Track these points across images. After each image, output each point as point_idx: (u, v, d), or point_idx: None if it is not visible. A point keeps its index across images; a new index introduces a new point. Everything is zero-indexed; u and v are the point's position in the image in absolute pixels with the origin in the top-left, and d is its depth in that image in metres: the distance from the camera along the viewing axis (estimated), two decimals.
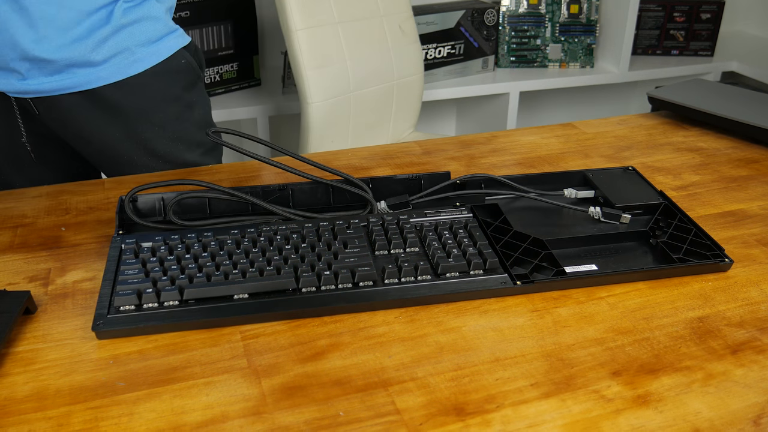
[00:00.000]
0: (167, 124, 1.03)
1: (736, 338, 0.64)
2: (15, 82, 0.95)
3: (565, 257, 0.75)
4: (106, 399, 0.57)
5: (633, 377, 0.59)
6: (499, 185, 0.87)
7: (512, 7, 2.12)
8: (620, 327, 0.66)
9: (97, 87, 0.97)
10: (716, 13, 2.22)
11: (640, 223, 0.82)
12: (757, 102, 1.13)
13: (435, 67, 2.05)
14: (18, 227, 0.82)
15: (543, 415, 0.55)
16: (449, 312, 0.67)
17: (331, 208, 0.83)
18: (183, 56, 1.03)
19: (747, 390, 0.58)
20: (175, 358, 0.61)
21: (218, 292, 0.66)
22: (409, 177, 0.85)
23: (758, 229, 0.82)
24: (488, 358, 0.61)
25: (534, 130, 1.11)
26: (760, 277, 0.73)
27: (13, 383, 0.58)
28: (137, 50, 0.98)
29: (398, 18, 1.75)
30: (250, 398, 0.57)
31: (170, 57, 1.01)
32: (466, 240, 0.73)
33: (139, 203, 0.80)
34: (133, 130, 1.01)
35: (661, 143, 1.07)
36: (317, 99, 1.60)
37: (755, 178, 0.95)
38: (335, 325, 0.65)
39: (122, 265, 0.69)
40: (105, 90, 0.98)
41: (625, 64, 2.15)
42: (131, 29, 0.97)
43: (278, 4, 1.55)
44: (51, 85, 0.96)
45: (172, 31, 1.03)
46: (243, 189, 0.81)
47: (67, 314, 0.67)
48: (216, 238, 0.72)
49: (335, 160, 1.00)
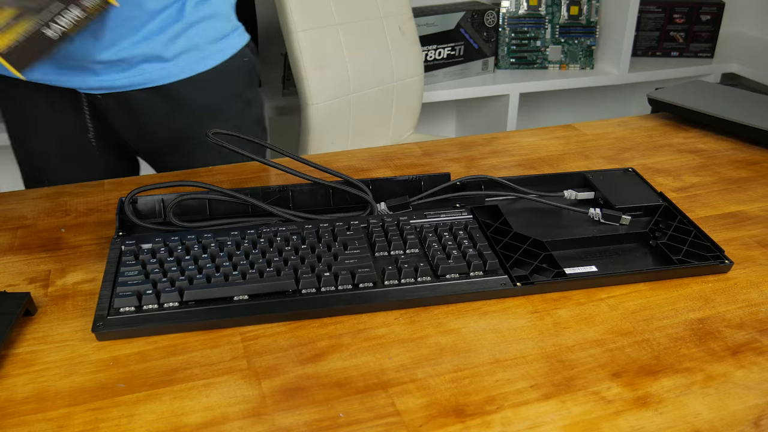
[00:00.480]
0: (229, 121, 1.05)
1: (736, 340, 0.64)
2: (88, 78, 0.97)
3: (565, 258, 0.75)
4: (106, 400, 0.57)
5: (633, 379, 0.59)
6: (499, 186, 0.87)
7: (512, 8, 2.12)
8: (620, 328, 0.66)
9: (168, 83, 0.99)
10: (716, 15, 2.22)
11: (640, 224, 0.82)
12: (757, 103, 1.13)
13: (435, 69, 2.05)
14: (18, 229, 0.82)
15: (543, 417, 0.55)
16: (449, 313, 0.67)
17: (331, 209, 0.83)
18: (245, 54, 1.06)
19: (747, 392, 0.58)
20: (175, 359, 0.61)
21: (218, 294, 0.66)
22: (409, 178, 0.85)
23: (758, 230, 0.82)
24: (488, 359, 0.61)
25: (534, 132, 1.11)
26: (760, 279, 0.73)
27: (13, 385, 0.58)
28: (206, 47, 1.00)
29: (398, 19, 1.75)
30: (250, 400, 0.57)
31: (235, 54, 1.04)
32: (466, 241, 0.73)
33: (139, 205, 0.80)
34: (198, 126, 1.03)
35: (661, 145, 1.07)
36: (317, 100, 1.60)
37: (755, 180, 0.95)
38: (335, 327, 0.65)
39: (122, 267, 0.69)
40: (174, 86, 1.00)
41: (625, 65, 2.15)
42: (201, 26, 0.99)
43: (278, 5, 1.55)
44: (123, 81, 0.97)
45: (236, 29, 1.05)
46: (243, 190, 0.81)
47: (67, 316, 0.67)
48: (216, 240, 0.72)
49: (335, 162, 1.00)
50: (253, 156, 0.78)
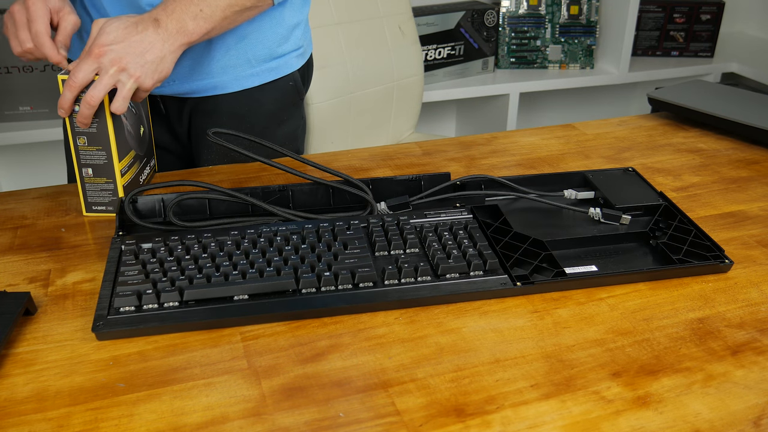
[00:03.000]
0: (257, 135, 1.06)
1: (736, 339, 0.64)
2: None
3: (565, 258, 0.75)
4: (106, 400, 0.57)
5: (633, 378, 0.59)
6: (499, 186, 0.87)
7: (512, 8, 2.12)
8: (620, 328, 0.66)
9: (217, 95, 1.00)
10: (716, 14, 2.22)
11: (640, 224, 0.82)
12: (757, 103, 1.13)
13: (435, 68, 2.05)
14: (18, 228, 0.82)
15: (543, 416, 0.55)
16: (449, 313, 0.67)
17: (331, 209, 0.83)
18: (292, 78, 1.06)
19: (747, 391, 0.58)
20: (175, 359, 0.61)
21: (218, 293, 0.66)
22: (409, 178, 0.85)
23: (758, 230, 0.82)
24: (488, 359, 0.61)
25: (534, 131, 1.11)
26: (761, 278, 0.73)
27: (13, 384, 0.58)
28: (257, 64, 1.00)
29: (398, 19, 1.75)
30: (250, 399, 0.57)
31: (284, 77, 1.04)
32: (466, 241, 0.73)
33: (139, 204, 0.80)
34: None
35: (661, 144, 1.07)
36: (317, 100, 1.60)
37: (755, 179, 0.95)
38: (335, 326, 0.65)
39: (122, 267, 0.69)
40: (223, 98, 1.01)
41: (625, 65, 2.15)
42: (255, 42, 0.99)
43: None
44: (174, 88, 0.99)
45: (296, 49, 1.05)
46: (243, 190, 0.81)
47: (67, 315, 0.67)
48: (216, 239, 0.72)
49: (335, 161, 1.00)
50: (253, 155, 0.78)
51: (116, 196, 0.83)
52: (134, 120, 0.87)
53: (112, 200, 0.84)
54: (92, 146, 0.81)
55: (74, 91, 0.76)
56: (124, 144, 0.83)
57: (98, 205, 0.84)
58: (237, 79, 1.00)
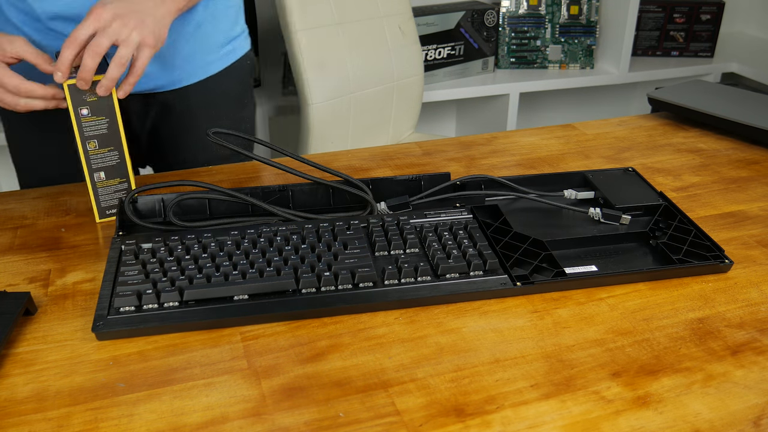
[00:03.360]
0: (223, 121, 1.08)
1: (736, 339, 0.64)
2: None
3: (565, 258, 0.75)
4: (106, 400, 0.57)
5: (633, 378, 0.59)
6: (499, 186, 0.87)
7: (512, 8, 2.12)
8: (620, 328, 0.66)
9: (183, 86, 1.01)
10: (716, 14, 2.22)
11: (640, 224, 0.82)
12: (757, 103, 1.13)
13: (435, 68, 2.05)
14: (18, 228, 0.82)
15: (543, 416, 0.55)
16: (449, 313, 0.67)
17: (331, 209, 0.83)
18: (249, 57, 1.09)
19: (747, 391, 0.58)
20: (175, 359, 0.61)
21: (218, 293, 0.66)
22: (409, 178, 0.85)
23: (758, 230, 0.82)
24: (488, 359, 0.61)
25: (534, 131, 1.11)
26: (760, 278, 0.73)
27: (13, 384, 0.58)
28: (217, 49, 1.02)
29: (398, 19, 1.75)
30: (250, 399, 0.57)
31: (241, 57, 1.07)
32: (466, 241, 0.73)
33: (139, 204, 0.80)
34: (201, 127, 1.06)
35: (661, 144, 1.07)
36: (317, 100, 1.60)
37: (755, 180, 0.95)
38: (335, 326, 0.65)
39: (122, 267, 0.69)
40: (190, 88, 1.02)
41: (625, 65, 2.15)
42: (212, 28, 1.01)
43: (278, 5, 1.55)
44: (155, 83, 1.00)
45: (244, 30, 1.08)
46: (243, 190, 0.81)
47: (67, 315, 0.67)
48: (216, 239, 0.72)
49: (335, 161, 1.00)
50: (253, 155, 0.78)
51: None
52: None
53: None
54: (103, 148, 0.80)
55: (75, 48, 0.73)
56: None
57: (112, 209, 0.83)
58: (201, 66, 1.01)
